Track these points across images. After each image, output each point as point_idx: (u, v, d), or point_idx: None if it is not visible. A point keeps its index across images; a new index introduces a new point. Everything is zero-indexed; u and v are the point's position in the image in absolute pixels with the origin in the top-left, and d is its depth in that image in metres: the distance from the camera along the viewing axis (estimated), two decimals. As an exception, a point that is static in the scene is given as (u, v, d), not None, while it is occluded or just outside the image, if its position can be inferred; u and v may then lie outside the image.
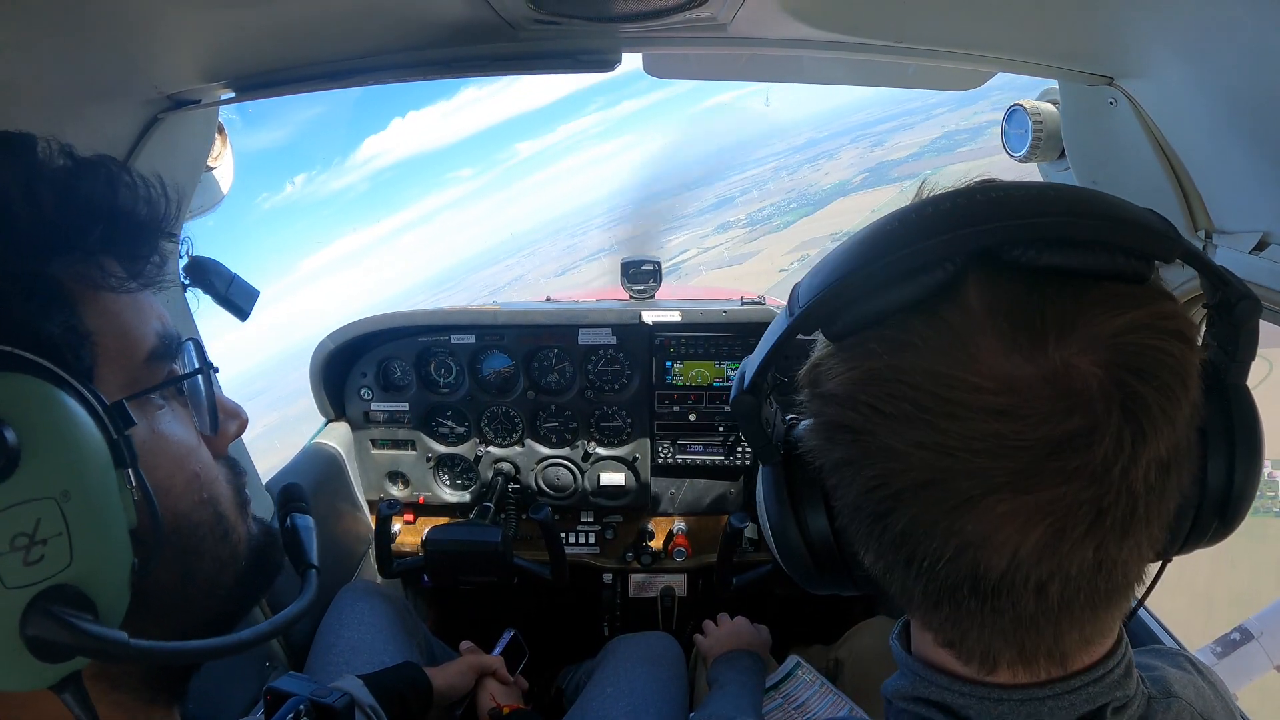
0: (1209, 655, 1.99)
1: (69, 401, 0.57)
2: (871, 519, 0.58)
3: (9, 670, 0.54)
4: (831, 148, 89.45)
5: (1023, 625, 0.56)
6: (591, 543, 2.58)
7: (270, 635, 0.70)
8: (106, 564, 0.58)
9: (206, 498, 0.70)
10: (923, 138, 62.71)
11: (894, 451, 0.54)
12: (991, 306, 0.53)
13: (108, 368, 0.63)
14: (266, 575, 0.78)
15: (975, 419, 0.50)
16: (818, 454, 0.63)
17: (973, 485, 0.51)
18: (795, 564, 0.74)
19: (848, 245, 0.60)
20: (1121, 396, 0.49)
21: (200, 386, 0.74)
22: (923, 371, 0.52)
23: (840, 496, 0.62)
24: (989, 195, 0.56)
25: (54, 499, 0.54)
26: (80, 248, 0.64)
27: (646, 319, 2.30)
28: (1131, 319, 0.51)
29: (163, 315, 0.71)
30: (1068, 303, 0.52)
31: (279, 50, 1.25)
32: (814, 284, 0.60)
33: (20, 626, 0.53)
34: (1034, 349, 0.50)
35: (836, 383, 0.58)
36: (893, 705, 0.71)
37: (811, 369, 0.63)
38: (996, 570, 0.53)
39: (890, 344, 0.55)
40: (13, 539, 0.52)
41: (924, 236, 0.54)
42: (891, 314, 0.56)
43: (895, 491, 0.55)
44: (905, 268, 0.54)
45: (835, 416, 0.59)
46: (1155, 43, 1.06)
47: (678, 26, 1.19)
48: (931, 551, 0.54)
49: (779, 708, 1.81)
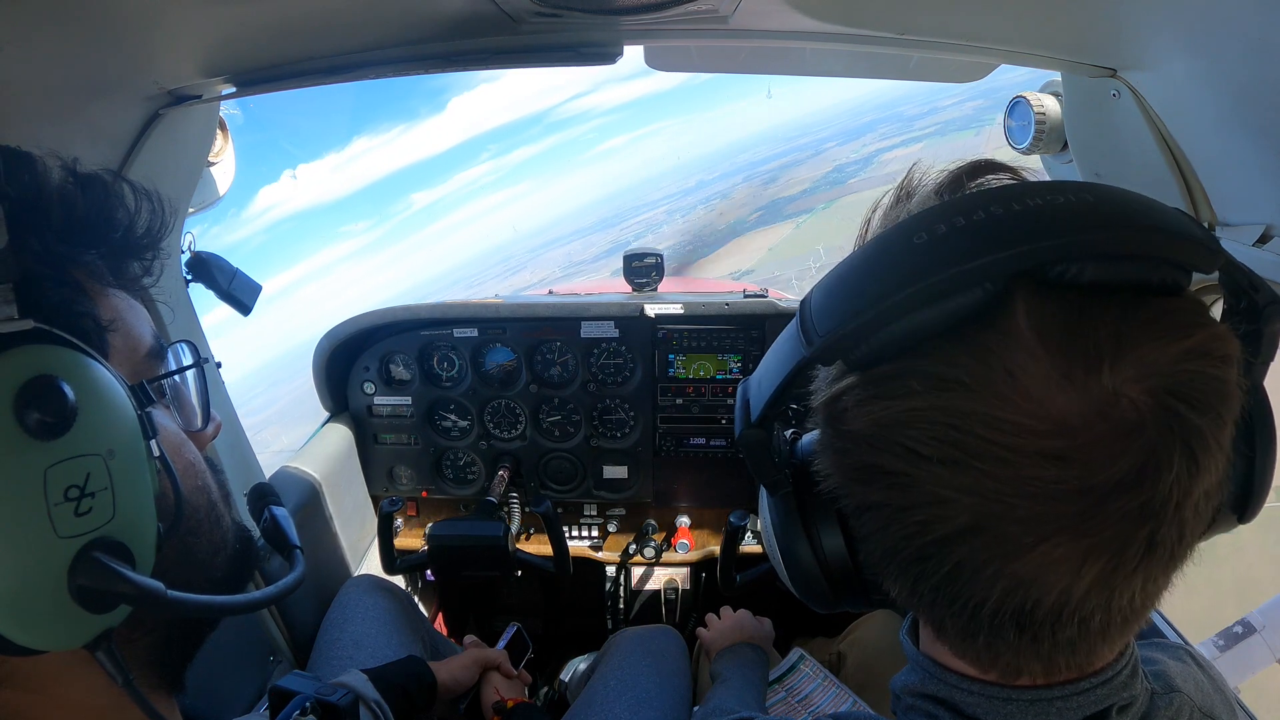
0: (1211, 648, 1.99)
1: (108, 374, 0.62)
2: (910, 562, 0.55)
3: (55, 620, 0.57)
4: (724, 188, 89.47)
5: (1060, 649, 0.56)
6: (594, 536, 2.59)
7: (277, 597, 0.78)
8: (142, 520, 0.62)
9: (201, 485, 0.75)
10: (814, 173, 62.29)
11: (938, 498, 0.50)
12: (1042, 331, 0.48)
13: (116, 359, 0.68)
14: (249, 563, 0.83)
15: (1029, 464, 0.47)
16: (841, 491, 0.60)
17: (1025, 530, 0.49)
18: (811, 592, 0.71)
19: (869, 261, 0.55)
20: (1180, 430, 0.47)
21: (190, 386, 0.80)
22: (971, 415, 0.49)
23: (870, 537, 0.59)
24: (1027, 205, 0.51)
25: (101, 456, 0.59)
26: (82, 260, 0.69)
27: (649, 312, 2.29)
28: (1187, 347, 0.48)
29: (151, 321, 0.77)
30: (1118, 323, 0.48)
31: (280, 45, 1.25)
32: (835, 308, 0.54)
33: (70, 574, 0.56)
34: (1088, 378, 0.47)
35: (867, 422, 0.54)
36: (901, 700, 0.71)
37: (832, 401, 0.58)
38: (1044, 607, 0.52)
39: (932, 381, 0.50)
40: (66, 490, 0.56)
41: (965, 255, 0.49)
42: (927, 341, 0.51)
43: (940, 538, 0.52)
44: (944, 290, 0.50)
45: (867, 459, 0.55)
46: (1158, 35, 1.05)
47: (679, 19, 1.18)
48: (978, 593, 0.53)
49: (782, 701, 1.82)
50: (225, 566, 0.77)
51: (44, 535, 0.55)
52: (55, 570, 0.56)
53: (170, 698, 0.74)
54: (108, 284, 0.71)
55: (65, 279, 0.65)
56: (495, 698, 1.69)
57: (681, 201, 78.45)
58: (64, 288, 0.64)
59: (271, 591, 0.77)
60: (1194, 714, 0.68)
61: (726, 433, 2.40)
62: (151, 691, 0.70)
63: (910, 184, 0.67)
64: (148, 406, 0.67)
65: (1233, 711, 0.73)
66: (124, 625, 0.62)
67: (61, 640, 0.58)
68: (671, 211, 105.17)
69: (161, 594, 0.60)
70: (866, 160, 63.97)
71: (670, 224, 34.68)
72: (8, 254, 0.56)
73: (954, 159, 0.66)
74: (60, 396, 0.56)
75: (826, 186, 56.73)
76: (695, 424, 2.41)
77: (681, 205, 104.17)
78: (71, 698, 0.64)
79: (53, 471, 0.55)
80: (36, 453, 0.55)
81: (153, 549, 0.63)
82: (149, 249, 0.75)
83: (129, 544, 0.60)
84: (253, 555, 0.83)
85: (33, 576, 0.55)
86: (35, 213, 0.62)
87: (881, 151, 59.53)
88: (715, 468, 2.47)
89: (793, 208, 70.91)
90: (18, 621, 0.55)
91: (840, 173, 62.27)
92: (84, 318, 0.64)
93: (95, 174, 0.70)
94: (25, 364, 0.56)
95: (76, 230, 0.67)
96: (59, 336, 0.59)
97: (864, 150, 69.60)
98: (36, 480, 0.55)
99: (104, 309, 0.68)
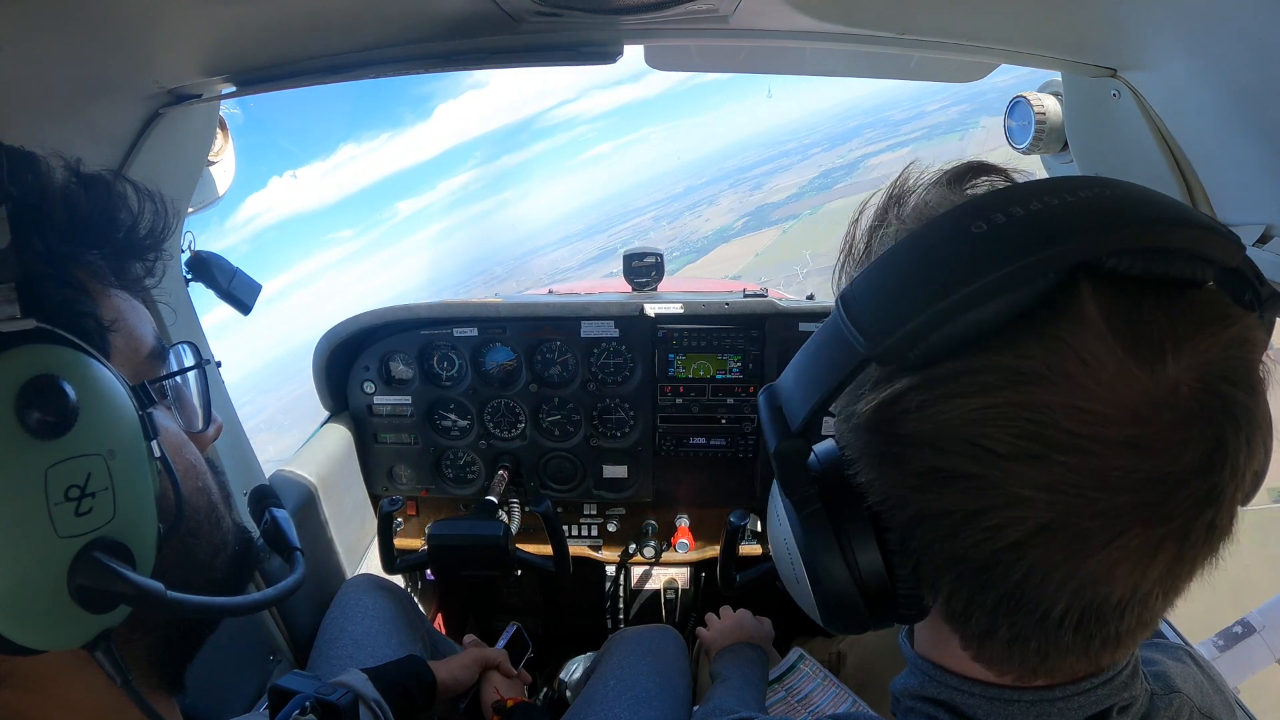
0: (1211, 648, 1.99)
1: (110, 374, 0.62)
2: (974, 571, 0.53)
3: (55, 620, 0.57)
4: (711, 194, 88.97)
5: (1107, 646, 0.55)
6: (594, 536, 2.59)
7: (277, 599, 0.78)
8: (142, 521, 0.62)
9: (202, 486, 0.75)
10: (800, 178, 61.89)
11: (1015, 498, 0.49)
12: (1110, 320, 0.48)
13: (118, 359, 0.68)
14: (249, 564, 0.83)
15: (1111, 454, 0.47)
16: (892, 503, 0.57)
17: (1103, 525, 0.48)
18: (844, 614, 0.65)
19: (927, 252, 0.53)
20: (1238, 415, 0.48)
21: (192, 387, 0.80)
22: (1052, 406, 0.48)
23: (927, 549, 0.56)
24: (1080, 196, 0.51)
25: (102, 456, 0.59)
26: (84, 260, 0.69)
27: (649, 311, 2.29)
28: (1232, 335, 0.49)
29: (153, 322, 0.76)
30: (1168, 314, 0.49)
31: (280, 44, 1.25)
32: (895, 303, 0.51)
33: (70, 574, 0.56)
34: (1154, 365, 0.47)
35: (935, 424, 0.51)
36: (900, 702, 0.71)
37: (885, 406, 0.55)
38: (1110, 604, 0.51)
39: (1008, 375, 0.49)
40: (66, 490, 0.56)
41: (1035, 244, 0.48)
42: (992, 334, 0.50)
43: (1013, 542, 0.50)
44: (1017, 280, 0.48)
45: (932, 463, 0.52)
46: (1158, 35, 1.05)
47: (679, 18, 1.18)
48: (1047, 598, 0.51)
49: (782, 701, 1.82)
50: (225, 567, 0.77)
51: (44, 535, 0.55)
52: (55, 570, 0.56)
53: (170, 698, 0.75)
54: (110, 284, 0.71)
55: (68, 279, 0.65)
56: (495, 697, 1.69)
57: (669, 208, 78.07)
58: (66, 288, 0.64)
59: (271, 593, 0.77)
60: (1194, 714, 0.68)
61: (726, 432, 2.40)
62: (151, 691, 0.70)
63: (905, 184, 0.66)
64: (149, 407, 0.67)
65: (1232, 712, 0.73)
66: (124, 625, 0.62)
67: (61, 640, 0.58)
68: (659, 218, 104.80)
69: (161, 595, 0.60)
70: (852, 165, 63.90)
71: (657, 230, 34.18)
72: (10, 253, 0.56)
73: (947, 161, 0.66)
74: (61, 396, 0.56)
75: (813, 192, 56.47)
76: (695, 423, 2.41)
77: (669, 211, 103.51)
78: (71, 697, 0.64)
79: (53, 471, 0.55)
80: (37, 452, 0.55)
81: (153, 549, 0.63)
82: (151, 249, 0.75)
83: (129, 544, 0.60)
84: (253, 556, 0.83)
85: (32, 576, 0.55)
86: (38, 212, 0.62)
87: (867, 156, 59.30)
88: (715, 467, 2.47)
89: (779, 213, 70.72)
90: (17, 621, 0.55)
91: (826, 178, 62.08)
92: (86, 318, 0.64)
93: (98, 174, 0.70)
94: (27, 363, 0.56)
95: (79, 230, 0.67)
96: (61, 336, 0.59)
97: (850, 155, 69.55)
98: (37, 480, 0.55)
99: (106, 309, 0.68)
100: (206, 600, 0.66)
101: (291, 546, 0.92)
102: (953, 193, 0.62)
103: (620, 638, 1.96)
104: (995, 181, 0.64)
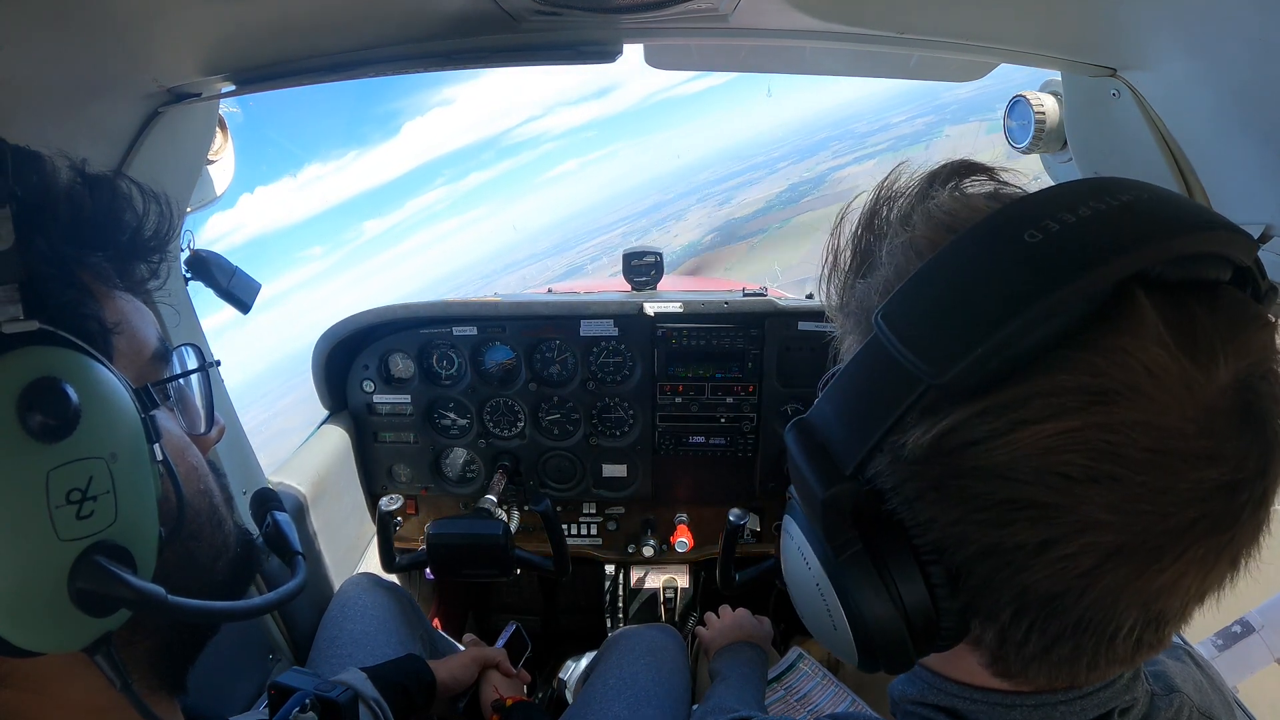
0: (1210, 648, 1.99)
1: (112, 376, 0.62)
2: (1040, 602, 0.51)
3: (54, 623, 0.57)
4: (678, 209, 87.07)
5: (1152, 650, 0.55)
6: (593, 535, 2.59)
7: (277, 604, 0.77)
8: (143, 525, 0.62)
9: (204, 489, 0.75)
10: (768, 192, 60.78)
11: (1089, 523, 0.47)
12: (1167, 329, 0.46)
13: (121, 362, 0.67)
14: (250, 567, 0.83)
15: (1184, 468, 0.46)
16: (952, 540, 0.53)
17: (1170, 539, 0.47)
18: (892, 656, 0.59)
19: (979, 265, 0.49)
20: (1276, 412, 0.48)
21: (195, 389, 0.80)
22: (1131, 424, 0.46)
23: (986, 583, 0.52)
24: (1122, 200, 0.49)
25: (104, 459, 0.59)
26: (89, 262, 0.69)
27: (648, 310, 2.29)
28: (1268, 333, 0.49)
29: (156, 324, 0.76)
30: (1211, 317, 0.48)
31: (280, 43, 1.24)
32: (958, 323, 0.47)
33: (70, 578, 0.56)
34: (1211, 371, 0.46)
35: (1005, 452, 0.48)
36: (900, 706, 0.70)
37: (944, 436, 0.50)
38: (1170, 613, 0.51)
39: (1083, 395, 0.46)
40: (68, 493, 0.56)
41: (1101, 253, 0.46)
42: (1053, 353, 0.47)
43: (1086, 570, 0.48)
44: (1078, 298, 0.46)
45: (1004, 495, 0.49)
46: (1158, 34, 1.05)
47: (679, 17, 1.18)
48: (1115, 618, 0.50)
49: (781, 700, 1.82)
50: (226, 571, 0.77)
51: (45, 538, 0.55)
52: (55, 573, 0.56)
53: (172, 699, 0.74)
54: (114, 286, 0.71)
55: (71, 280, 0.64)
56: (494, 696, 1.69)
57: (637, 223, 76.75)
58: (70, 289, 0.64)
59: (272, 598, 0.76)
60: (1193, 714, 0.68)
61: (726, 431, 2.40)
62: (152, 693, 0.70)
63: (893, 185, 0.64)
64: (152, 410, 0.67)
65: (1231, 711, 0.73)
66: (125, 628, 0.62)
67: (60, 643, 0.58)
68: (627, 234, 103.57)
69: (162, 599, 0.60)
70: (820, 179, 63.30)
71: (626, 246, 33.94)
72: (14, 254, 0.56)
73: (932, 162, 0.64)
74: (64, 399, 0.56)
75: (780, 206, 55.66)
76: (694, 422, 2.41)
77: (637, 227, 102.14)
78: (70, 698, 0.64)
79: (55, 474, 0.55)
80: (39, 455, 0.55)
81: (154, 553, 0.63)
82: (156, 251, 0.75)
83: (130, 548, 0.60)
84: (254, 560, 0.83)
85: (33, 578, 0.55)
86: (43, 213, 0.62)
87: (835, 169, 58.66)
88: (714, 466, 2.47)
89: (748, 228, 70.24)
90: (16, 623, 0.55)
91: (794, 191, 61.32)
92: (89, 320, 0.64)
93: (104, 175, 0.69)
94: (29, 365, 0.56)
95: (84, 231, 0.67)
96: (64, 338, 0.59)
97: (817, 169, 68.92)
98: (39, 483, 0.55)
99: (110, 311, 0.68)
100: (207, 605, 0.66)
101: (293, 551, 0.92)
102: (965, 197, 0.59)
103: (619, 637, 1.96)
104: (987, 181, 0.62)
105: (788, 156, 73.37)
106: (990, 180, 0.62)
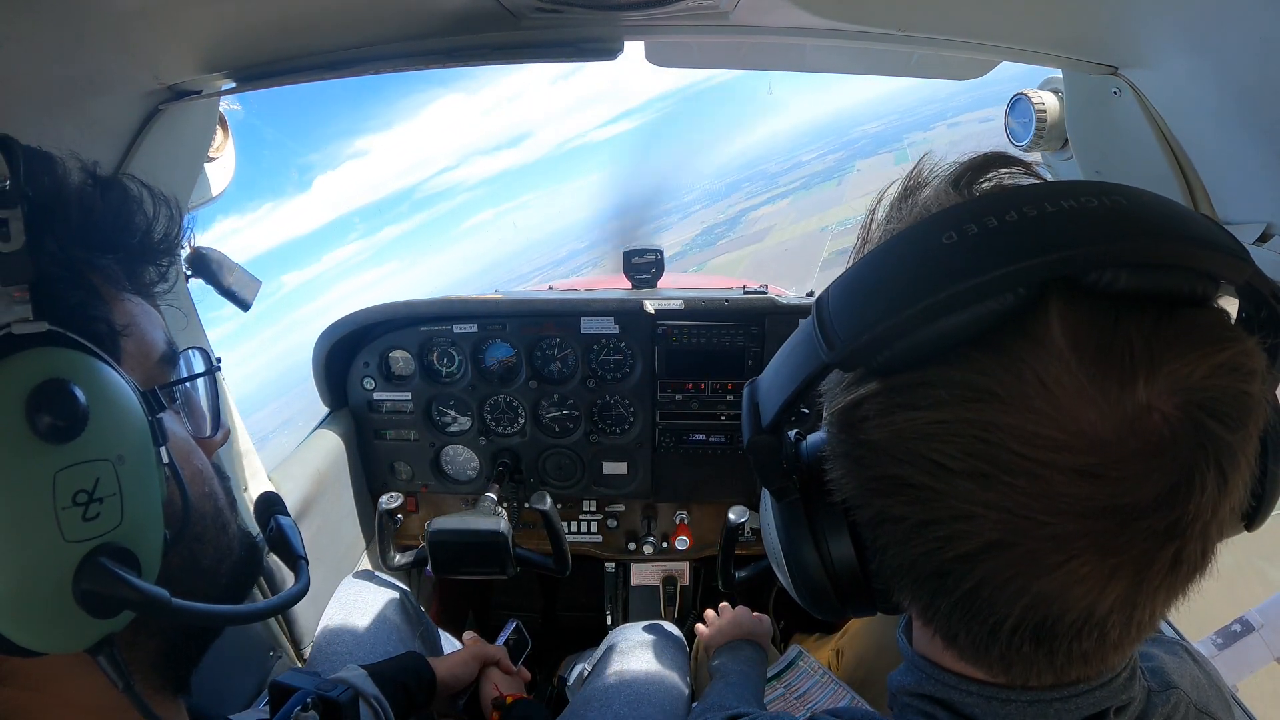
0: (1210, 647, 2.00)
1: (120, 379, 0.62)
2: (928, 578, 0.54)
3: (57, 623, 0.57)
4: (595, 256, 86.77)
5: (1074, 661, 0.55)
6: (594, 532, 2.59)
7: (280, 608, 0.79)
8: (149, 528, 0.62)
9: (209, 492, 0.75)
10: (683, 236, 60.43)
11: (963, 513, 0.49)
12: (1076, 341, 0.46)
13: (129, 364, 0.67)
14: (254, 571, 0.83)
15: (1062, 481, 0.46)
16: (856, 502, 0.59)
17: (1052, 548, 0.48)
18: (818, 602, 0.69)
19: (896, 260, 0.52)
20: (1212, 448, 0.46)
21: (201, 392, 0.80)
22: (1002, 427, 0.47)
23: (885, 550, 0.57)
24: (1061, 206, 0.49)
25: (111, 461, 0.59)
26: (98, 264, 0.69)
27: (649, 307, 2.29)
28: (1219, 361, 0.46)
29: (164, 327, 0.76)
30: (1151, 335, 0.46)
31: (280, 40, 1.24)
32: (860, 310, 0.51)
33: (74, 579, 0.56)
34: (1122, 391, 0.45)
35: (889, 432, 0.52)
36: (897, 699, 0.71)
37: (849, 409, 0.55)
38: (1065, 623, 0.51)
39: (963, 391, 0.48)
40: (75, 494, 0.56)
41: (1003, 258, 0.47)
42: (955, 347, 0.49)
43: (963, 554, 0.50)
44: (980, 294, 0.47)
45: (888, 470, 0.53)
46: (1159, 32, 1.05)
47: (680, 14, 1.18)
48: (998, 610, 0.52)
49: (780, 697, 1.83)
50: (230, 574, 0.77)
51: (50, 539, 0.55)
52: (60, 574, 0.56)
53: (175, 699, 0.75)
54: (122, 289, 0.71)
55: (81, 282, 0.65)
56: (494, 694, 1.69)
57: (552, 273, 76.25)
58: (79, 291, 0.64)
59: (275, 602, 0.76)
60: (1190, 711, 0.68)
61: (726, 429, 2.40)
62: (155, 694, 0.70)
63: (920, 176, 0.64)
64: (159, 413, 0.67)
65: (1229, 708, 0.73)
66: (129, 629, 0.62)
67: (63, 643, 0.58)
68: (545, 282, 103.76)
69: (166, 602, 0.60)
70: (734, 220, 62.91)
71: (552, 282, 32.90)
72: (24, 255, 0.56)
73: (964, 152, 0.63)
74: (72, 400, 0.56)
75: (697, 249, 55.25)
76: (695, 420, 2.41)
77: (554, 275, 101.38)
78: (72, 697, 0.64)
79: (62, 476, 0.55)
80: (46, 456, 0.55)
81: (159, 556, 0.63)
82: (165, 255, 0.75)
83: (135, 550, 0.60)
84: (258, 563, 0.83)
85: (37, 578, 0.55)
86: (54, 215, 0.62)
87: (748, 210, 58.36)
88: (714, 464, 2.47)
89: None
90: (20, 622, 0.55)
91: (709, 234, 60.97)
92: (98, 322, 0.64)
93: (115, 177, 0.70)
94: (38, 367, 0.56)
95: (94, 234, 0.67)
96: (73, 340, 0.59)
97: (730, 211, 68.54)
98: (45, 484, 0.55)
99: (118, 313, 0.68)
100: (211, 608, 0.66)
101: (296, 555, 0.92)
102: (957, 194, 0.60)
103: (619, 634, 1.96)
104: (1016, 173, 0.61)
105: (700, 200, 73.36)
106: (1025, 172, 0.61)
